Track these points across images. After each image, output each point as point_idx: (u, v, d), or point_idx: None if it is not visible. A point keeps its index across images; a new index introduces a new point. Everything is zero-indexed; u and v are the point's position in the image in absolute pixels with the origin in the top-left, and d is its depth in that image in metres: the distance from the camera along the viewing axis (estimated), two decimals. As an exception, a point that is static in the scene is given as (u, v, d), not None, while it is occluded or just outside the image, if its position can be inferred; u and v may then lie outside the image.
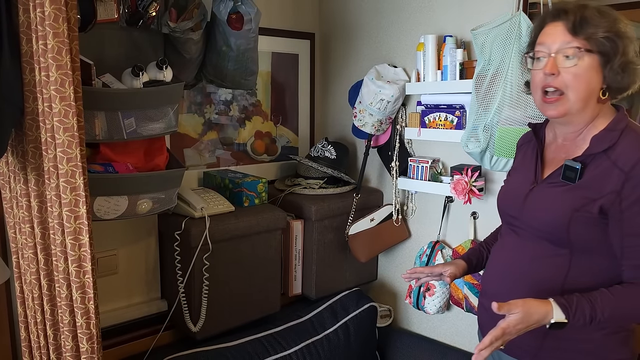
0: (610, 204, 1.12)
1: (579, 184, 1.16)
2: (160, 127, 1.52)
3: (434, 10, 1.95)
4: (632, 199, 1.10)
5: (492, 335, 1.09)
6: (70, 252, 1.20)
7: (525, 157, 1.34)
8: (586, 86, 1.14)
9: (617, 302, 1.12)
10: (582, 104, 1.16)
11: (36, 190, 1.24)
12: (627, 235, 1.12)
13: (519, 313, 1.09)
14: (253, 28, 1.60)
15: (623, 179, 1.10)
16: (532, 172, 1.28)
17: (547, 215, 1.19)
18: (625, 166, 1.10)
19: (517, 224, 1.28)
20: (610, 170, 1.12)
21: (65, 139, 1.14)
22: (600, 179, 1.14)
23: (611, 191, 1.12)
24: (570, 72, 1.14)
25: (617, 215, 1.12)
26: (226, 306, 1.78)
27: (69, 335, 1.25)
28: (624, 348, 1.21)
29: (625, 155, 1.11)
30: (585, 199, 1.14)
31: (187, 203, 1.71)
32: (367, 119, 2.02)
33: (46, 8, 1.09)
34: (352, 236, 2.05)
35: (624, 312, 1.14)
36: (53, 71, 1.11)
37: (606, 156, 1.14)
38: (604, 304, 1.10)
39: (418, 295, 1.97)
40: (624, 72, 1.14)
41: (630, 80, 1.15)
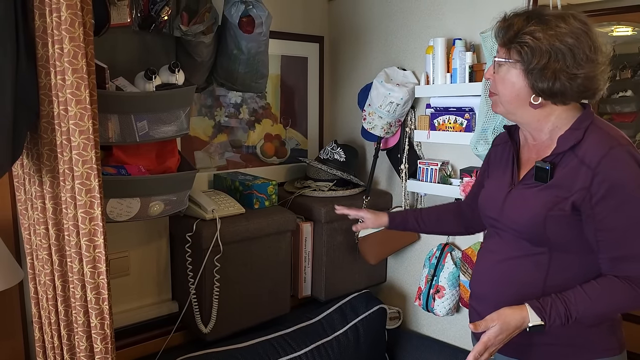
0: (581, 200, 1.15)
1: (550, 183, 1.20)
2: (172, 130, 1.53)
3: (444, 13, 1.95)
4: (601, 194, 1.13)
5: (476, 351, 1.16)
6: (85, 254, 1.21)
7: (501, 159, 1.38)
8: (509, 91, 1.22)
9: (591, 299, 1.15)
10: (511, 107, 1.24)
11: (51, 192, 1.25)
12: (600, 230, 1.15)
13: (496, 325, 1.15)
14: (264, 31, 1.62)
15: (591, 175, 1.14)
16: (510, 174, 1.32)
17: (523, 216, 1.23)
18: (591, 163, 1.14)
19: (499, 225, 1.31)
20: (578, 167, 1.16)
21: (81, 141, 1.15)
22: (570, 177, 1.17)
23: (581, 188, 1.15)
24: (496, 77, 1.24)
25: (588, 210, 1.15)
26: (237, 308, 1.79)
27: (83, 336, 1.27)
28: (611, 338, 1.24)
29: (591, 152, 1.15)
30: (558, 197, 1.18)
31: (198, 205, 1.72)
32: (376, 122, 2.03)
33: (62, 13, 1.10)
34: (361, 238, 2.06)
35: (600, 308, 1.17)
36: (69, 75, 1.13)
37: (574, 154, 1.18)
38: (577, 302, 1.14)
39: (427, 297, 1.98)
40: (548, 77, 1.16)
41: (562, 86, 1.16)
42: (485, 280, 1.34)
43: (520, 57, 1.18)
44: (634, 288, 1.14)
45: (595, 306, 1.16)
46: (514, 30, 1.18)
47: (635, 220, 1.13)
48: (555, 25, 1.15)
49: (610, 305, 1.17)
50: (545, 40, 1.15)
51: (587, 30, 1.17)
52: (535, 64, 1.16)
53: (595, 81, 1.19)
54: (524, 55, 1.17)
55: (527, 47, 1.16)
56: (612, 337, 1.25)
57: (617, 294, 1.15)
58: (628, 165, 1.13)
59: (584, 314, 1.15)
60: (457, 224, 1.61)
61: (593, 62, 1.16)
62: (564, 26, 1.15)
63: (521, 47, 1.17)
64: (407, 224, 1.65)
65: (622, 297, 1.15)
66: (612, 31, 3.12)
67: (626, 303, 1.17)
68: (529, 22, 1.18)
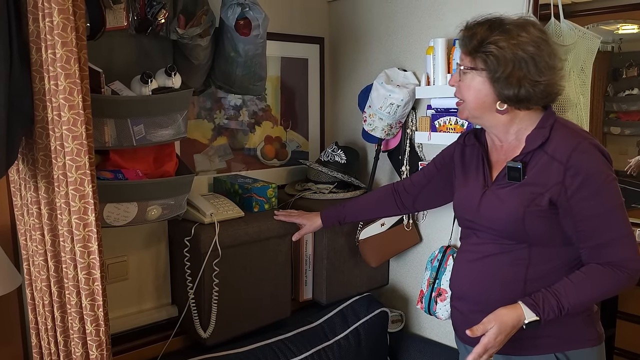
0: (557, 195, 1.21)
1: (524, 181, 1.26)
2: (170, 134, 1.52)
3: (444, 13, 1.93)
4: (575, 186, 1.19)
5: (475, 353, 1.21)
6: (80, 260, 1.20)
7: (471, 161, 1.43)
8: (475, 98, 1.27)
9: (579, 288, 1.21)
10: (477, 112, 1.30)
11: (46, 198, 1.25)
12: (578, 221, 1.21)
13: (494, 327, 1.20)
14: (261, 34, 1.60)
15: (563, 170, 1.20)
16: (482, 176, 1.37)
17: (502, 215, 1.28)
18: (562, 158, 1.20)
19: (475, 226, 1.37)
20: (550, 163, 1.22)
21: (74, 147, 1.15)
22: (543, 174, 1.23)
23: (555, 183, 1.21)
24: (462, 84, 1.29)
25: (564, 204, 1.21)
26: (236, 312, 1.78)
27: (78, 342, 1.26)
28: (591, 329, 1.31)
29: (561, 148, 1.21)
30: (534, 194, 1.24)
31: (196, 209, 1.71)
32: (377, 123, 2.01)
33: (55, 17, 1.09)
34: (362, 241, 2.04)
35: (588, 295, 1.23)
36: (62, 80, 1.12)
37: (543, 152, 1.24)
38: (567, 293, 1.21)
39: (429, 300, 1.95)
40: (513, 85, 1.21)
41: (526, 92, 1.22)
42: (465, 279, 1.39)
43: (485, 66, 1.23)
44: (616, 272, 1.20)
45: (584, 294, 1.22)
46: (478, 39, 1.23)
47: (610, 206, 1.20)
48: (517, 35, 1.21)
49: (597, 292, 1.23)
50: (509, 50, 1.20)
51: (546, 38, 1.24)
52: (500, 73, 1.21)
53: (556, 86, 1.26)
54: (490, 64, 1.22)
55: (492, 56, 1.21)
56: (591, 328, 1.32)
57: (602, 280, 1.22)
58: (596, 157, 1.20)
59: (574, 303, 1.20)
60: (391, 207, 1.71)
61: (553, 69, 1.23)
62: (525, 35, 1.21)
63: (486, 56, 1.22)
64: (340, 217, 1.75)
65: (606, 282, 1.22)
66: (618, 29, 3.08)
67: (611, 287, 1.24)
68: (492, 31, 1.23)
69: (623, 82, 3.08)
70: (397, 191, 1.70)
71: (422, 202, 1.68)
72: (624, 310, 2.48)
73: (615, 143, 3.14)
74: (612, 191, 1.21)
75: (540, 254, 1.27)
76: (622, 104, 3.09)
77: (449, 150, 1.56)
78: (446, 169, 1.55)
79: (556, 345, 1.29)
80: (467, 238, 1.42)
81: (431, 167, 1.63)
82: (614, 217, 1.21)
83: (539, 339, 1.28)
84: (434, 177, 1.61)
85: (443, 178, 1.56)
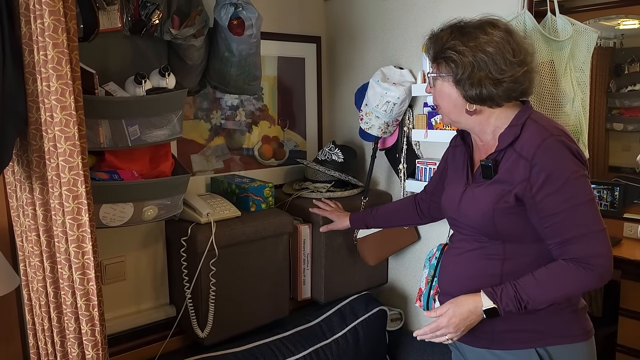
0: (523, 191, 1.23)
1: (495, 178, 1.29)
2: (165, 134, 1.53)
3: (440, 10, 1.93)
4: (540, 182, 1.20)
5: (428, 328, 1.31)
6: (74, 260, 1.21)
7: (458, 161, 1.46)
8: (447, 102, 1.31)
9: (539, 282, 1.23)
10: (453, 117, 1.33)
11: (41, 199, 1.25)
12: (543, 217, 1.23)
13: (450, 309, 1.28)
14: (255, 33, 1.60)
15: (529, 167, 1.21)
16: (465, 176, 1.41)
17: (475, 212, 1.32)
18: (528, 155, 1.22)
19: (458, 224, 1.41)
20: (517, 161, 1.24)
21: (67, 147, 1.15)
22: (511, 171, 1.25)
23: (522, 180, 1.23)
24: (434, 92, 1.34)
25: (530, 200, 1.23)
26: (234, 311, 1.78)
27: (74, 342, 1.27)
28: (574, 324, 1.31)
29: (527, 145, 1.23)
30: (502, 191, 1.26)
31: (193, 209, 1.72)
32: (373, 122, 2.01)
33: (46, 19, 1.10)
34: (360, 239, 2.04)
35: (549, 291, 1.23)
36: (53, 81, 1.12)
37: (512, 149, 1.26)
38: (526, 286, 1.23)
39: (428, 298, 1.94)
40: (475, 86, 1.24)
41: (489, 92, 1.24)
42: (450, 274, 1.43)
43: (447, 71, 1.27)
44: (579, 269, 1.20)
45: (544, 289, 1.23)
46: (440, 45, 1.27)
47: (574, 203, 1.20)
48: (474, 37, 1.24)
49: (559, 288, 1.23)
50: (468, 52, 1.23)
51: (507, 36, 1.25)
52: (461, 75, 1.24)
53: (522, 82, 1.26)
54: (452, 69, 1.26)
55: (451, 61, 1.25)
56: (575, 324, 1.32)
57: (565, 276, 1.22)
58: (561, 153, 1.21)
59: (534, 297, 1.22)
60: (412, 215, 1.77)
61: (516, 65, 1.24)
62: (484, 36, 1.24)
63: (446, 62, 1.26)
64: (367, 221, 1.84)
65: (570, 279, 1.22)
66: (619, 24, 3.07)
67: (575, 285, 1.23)
68: (451, 35, 1.26)
69: (625, 78, 3.07)
70: (417, 200, 1.76)
71: (435, 208, 1.69)
72: (626, 307, 2.48)
73: (618, 139, 3.13)
74: (578, 187, 1.20)
75: (514, 250, 1.30)
76: (625, 100, 3.08)
77: (445, 154, 1.60)
78: (445, 173, 1.57)
79: (536, 339, 1.29)
80: (454, 236, 1.48)
81: (435, 173, 1.68)
82: (580, 213, 1.20)
83: (517, 332, 1.30)
84: (438, 181, 1.64)
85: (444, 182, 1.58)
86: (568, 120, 1.69)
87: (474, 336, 1.35)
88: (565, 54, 1.67)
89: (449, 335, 1.30)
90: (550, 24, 1.69)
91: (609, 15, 3.02)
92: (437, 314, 1.31)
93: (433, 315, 1.32)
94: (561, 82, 1.67)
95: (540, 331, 1.29)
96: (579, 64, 1.74)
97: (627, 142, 3.12)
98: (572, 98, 1.70)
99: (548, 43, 1.64)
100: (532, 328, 1.30)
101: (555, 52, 1.66)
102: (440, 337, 1.31)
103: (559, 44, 1.65)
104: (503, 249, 1.31)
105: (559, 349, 1.29)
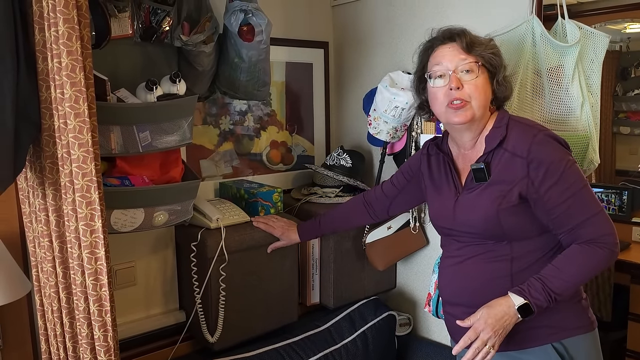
0: (525, 188, 1.26)
1: (491, 180, 1.30)
2: (175, 140, 1.53)
3: (448, 16, 1.93)
4: (540, 177, 1.24)
5: (466, 337, 1.26)
6: (87, 266, 1.22)
7: (439, 171, 1.46)
8: (484, 95, 1.32)
9: (563, 268, 1.25)
10: (482, 111, 1.32)
11: (54, 205, 1.26)
12: (550, 209, 1.26)
13: (482, 312, 1.26)
14: (264, 39, 1.61)
15: (526, 164, 1.25)
16: (452, 184, 1.41)
17: (477, 217, 1.32)
18: (522, 152, 1.26)
19: (454, 233, 1.41)
20: (512, 159, 1.27)
21: (80, 154, 1.16)
22: (508, 170, 1.28)
23: (522, 177, 1.26)
24: (472, 84, 1.30)
25: (534, 195, 1.26)
26: (244, 316, 1.78)
27: (87, 348, 1.27)
28: (583, 315, 1.35)
29: (519, 143, 1.27)
30: (503, 191, 1.28)
31: (202, 214, 1.72)
32: (382, 127, 2.01)
33: (60, 27, 1.11)
34: (369, 244, 2.04)
35: (574, 274, 1.25)
36: (67, 88, 1.14)
37: (503, 149, 1.29)
38: (551, 276, 1.24)
39: (437, 303, 1.94)
40: (506, 83, 1.35)
41: (509, 92, 1.37)
42: (455, 283, 1.42)
43: (490, 66, 1.32)
44: (595, 249, 1.24)
45: (569, 274, 1.25)
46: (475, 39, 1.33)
47: (576, 189, 1.24)
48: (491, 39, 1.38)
49: (581, 271, 1.26)
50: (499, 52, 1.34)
51: None
52: (498, 73, 1.33)
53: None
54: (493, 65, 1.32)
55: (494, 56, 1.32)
56: (584, 315, 1.35)
57: (584, 257, 1.25)
58: (553, 146, 1.26)
59: (560, 285, 1.24)
60: (362, 217, 1.77)
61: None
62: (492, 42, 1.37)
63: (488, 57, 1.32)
64: (319, 230, 1.80)
65: (588, 259, 1.25)
66: (625, 28, 3.07)
67: (594, 264, 1.26)
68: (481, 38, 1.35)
69: (632, 82, 3.06)
70: (368, 202, 1.75)
71: (395, 208, 1.74)
72: (636, 312, 2.46)
73: (625, 143, 3.11)
74: (574, 175, 1.26)
75: (521, 247, 1.31)
76: (632, 104, 3.07)
77: (414, 161, 1.60)
78: (415, 180, 1.59)
79: (552, 334, 1.31)
80: (448, 245, 1.46)
81: (400, 177, 1.67)
82: (582, 198, 1.25)
83: (533, 330, 1.31)
84: (405, 186, 1.65)
85: (414, 187, 1.61)
86: (578, 125, 1.68)
87: None
88: (574, 59, 1.67)
89: (490, 342, 1.24)
90: (560, 29, 1.69)
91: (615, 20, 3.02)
92: (472, 321, 1.27)
93: (467, 323, 1.28)
94: (571, 87, 1.67)
95: (554, 326, 1.31)
96: (589, 68, 1.74)
97: (634, 146, 3.11)
98: (581, 102, 1.70)
99: (557, 48, 1.64)
100: (546, 324, 1.31)
101: (565, 57, 1.66)
102: (481, 347, 1.24)
103: (568, 49, 1.65)
104: (510, 249, 1.32)
105: (573, 341, 1.31)
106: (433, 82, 1.34)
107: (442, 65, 1.32)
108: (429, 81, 1.36)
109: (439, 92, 1.33)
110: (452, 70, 1.30)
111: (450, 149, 1.46)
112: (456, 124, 1.33)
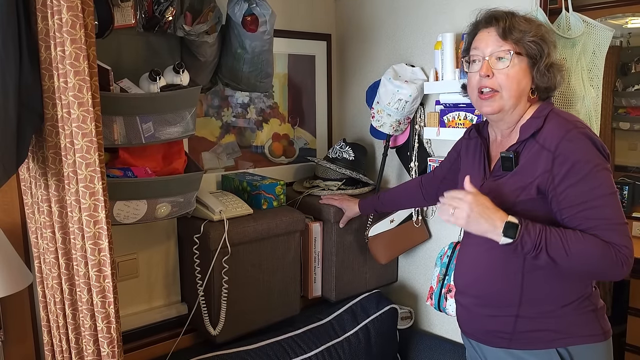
0: (545, 183, 1.22)
1: (516, 170, 1.27)
2: (178, 131, 1.52)
3: (452, 8, 1.92)
4: (562, 173, 1.19)
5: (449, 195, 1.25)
6: (90, 257, 1.20)
7: (474, 154, 1.44)
8: (517, 85, 1.26)
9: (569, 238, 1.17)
10: (514, 101, 1.27)
11: (57, 196, 1.25)
12: (564, 208, 1.20)
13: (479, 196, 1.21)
14: (268, 30, 1.60)
15: (551, 158, 1.20)
16: (482, 169, 1.39)
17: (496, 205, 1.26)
18: (550, 146, 1.21)
19: None
20: (540, 152, 1.23)
21: (84, 144, 1.15)
22: (533, 162, 1.24)
23: (544, 171, 1.22)
24: (503, 72, 1.25)
25: (552, 191, 1.21)
26: (246, 309, 1.78)
27: (90, 339, 1.26)
28: (593, 324, 1.29)
29: (550, 137, 1.22)
30: (524, 182, 1.24)
31: (205, 206, 1.71)
32: (385, 120, 2.00)
33: (64, 15, 1.09)
34: (371, 238, 2.03)
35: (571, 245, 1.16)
36: (71, 77, 1.12)
37: (535, 141, 1.25)
38: (552, 231, 1.18)
39: (439, 296, 1.94)
40: (549, 72, 1.27)
41: (556, 81, 1.29)
42: (467, 272, 1.42)
43: (530, 53, 1.25)
44: (610, 249, 1.16)
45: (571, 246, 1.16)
46: (516, 24, 1.25)
47: (598, 194, 1.18)
48: (539, 24, 1.28)
49: (585, 255, 1.17)
50: (548, 37, 1.26)
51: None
52: (540, 60, 1.25)
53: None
54: (535, 51, 1.25)
55: (534, 43, 1.24)
56: (595, 324, 1.29)
57: (597, 248, 1.17)
58: (585, 145, 1.19)
59: (556, 246, 1.16)
60: (418, 198, 1.80)
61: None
62: (543, 27, 1.29)
63: (529, 44, 1.24)
64: (376, 206, 1.88)
65: (600, 252, 1.16)
66: (627, 23, 3.06)
67: (602, 261, 1.17)
68: (529, 21, 1.26)
69: (632, 77, 3.05)
70: (422, 184, 1.78)
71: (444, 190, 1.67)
72: (636, 306, 2.46)
73: (624, 138, 3.11)
74: (601, 180, 1.18)
75: None
76: (631, 99, 3.06)
77: (457, 144, 1.59)
78: (456, 163, 1.58)
79: (557, 339, 1.27)
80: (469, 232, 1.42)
81: (446, 160, 1.68)
82: (603, 205, 1.17)
83: (538, 332, 1.28)
84: (449, 169, 1.64)
85: (456, 171, 1.59)
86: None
87: (493, 336, 1.33)
88: (577, 52, 1.67)
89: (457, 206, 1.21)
90: (564, 21, 1.69)
91: (615, 14, 3.01)
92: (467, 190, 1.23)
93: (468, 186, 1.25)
94: (572, 80, 1.66)
95: (561, 331, 1.28)
96: (591, 62, 1.73)
97: (633, 141, 3.10)
98: (582, 96, 1.69)
99: (560, 40, 1.63)
100: (553, 328, 1.28)
101: (567, 50, 1.65)
102: (447, 203, 1.24)
103: (571, 41, 1.64)
104: None
105: (580, 349, 1.27)
106: (469, 66, 1.32)
107: (478, 50, 1.29)
108: (465, 66, 1.35)
109: (473, 78, 1.31)
110: (486, 56, 1.27)
111: (489, 134, 1.43)
112: (486, 114, 1.33)
